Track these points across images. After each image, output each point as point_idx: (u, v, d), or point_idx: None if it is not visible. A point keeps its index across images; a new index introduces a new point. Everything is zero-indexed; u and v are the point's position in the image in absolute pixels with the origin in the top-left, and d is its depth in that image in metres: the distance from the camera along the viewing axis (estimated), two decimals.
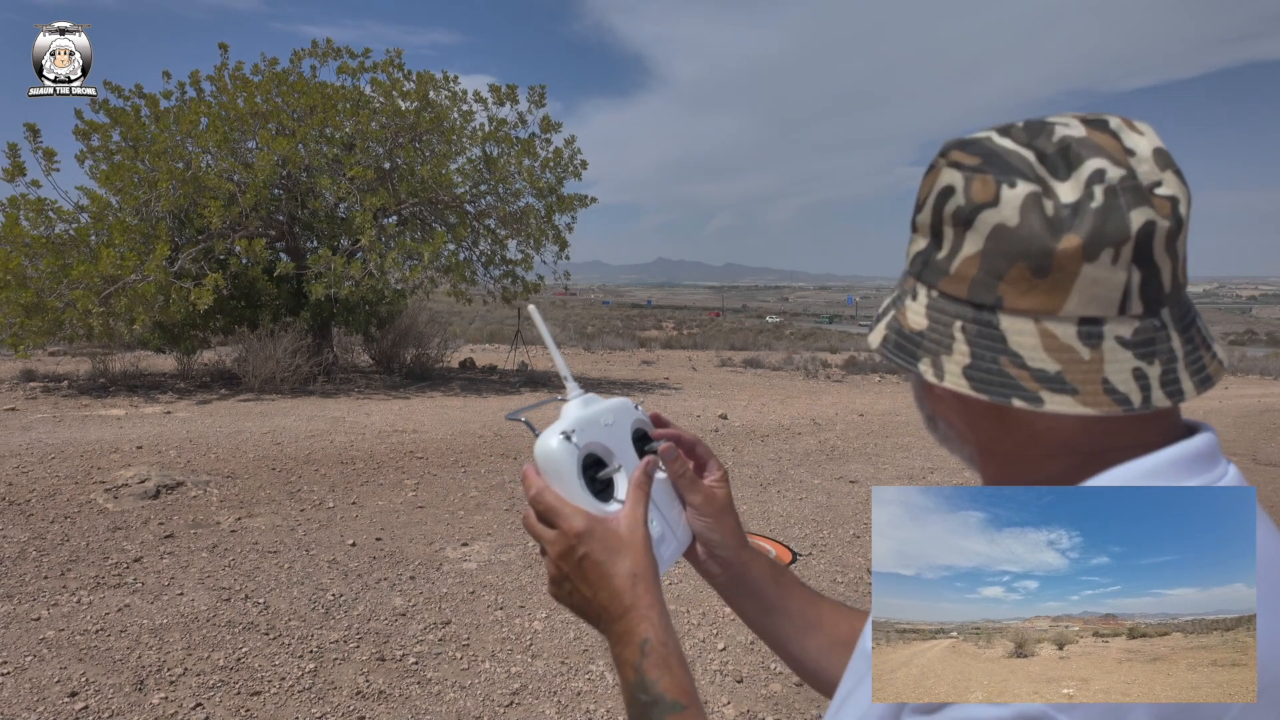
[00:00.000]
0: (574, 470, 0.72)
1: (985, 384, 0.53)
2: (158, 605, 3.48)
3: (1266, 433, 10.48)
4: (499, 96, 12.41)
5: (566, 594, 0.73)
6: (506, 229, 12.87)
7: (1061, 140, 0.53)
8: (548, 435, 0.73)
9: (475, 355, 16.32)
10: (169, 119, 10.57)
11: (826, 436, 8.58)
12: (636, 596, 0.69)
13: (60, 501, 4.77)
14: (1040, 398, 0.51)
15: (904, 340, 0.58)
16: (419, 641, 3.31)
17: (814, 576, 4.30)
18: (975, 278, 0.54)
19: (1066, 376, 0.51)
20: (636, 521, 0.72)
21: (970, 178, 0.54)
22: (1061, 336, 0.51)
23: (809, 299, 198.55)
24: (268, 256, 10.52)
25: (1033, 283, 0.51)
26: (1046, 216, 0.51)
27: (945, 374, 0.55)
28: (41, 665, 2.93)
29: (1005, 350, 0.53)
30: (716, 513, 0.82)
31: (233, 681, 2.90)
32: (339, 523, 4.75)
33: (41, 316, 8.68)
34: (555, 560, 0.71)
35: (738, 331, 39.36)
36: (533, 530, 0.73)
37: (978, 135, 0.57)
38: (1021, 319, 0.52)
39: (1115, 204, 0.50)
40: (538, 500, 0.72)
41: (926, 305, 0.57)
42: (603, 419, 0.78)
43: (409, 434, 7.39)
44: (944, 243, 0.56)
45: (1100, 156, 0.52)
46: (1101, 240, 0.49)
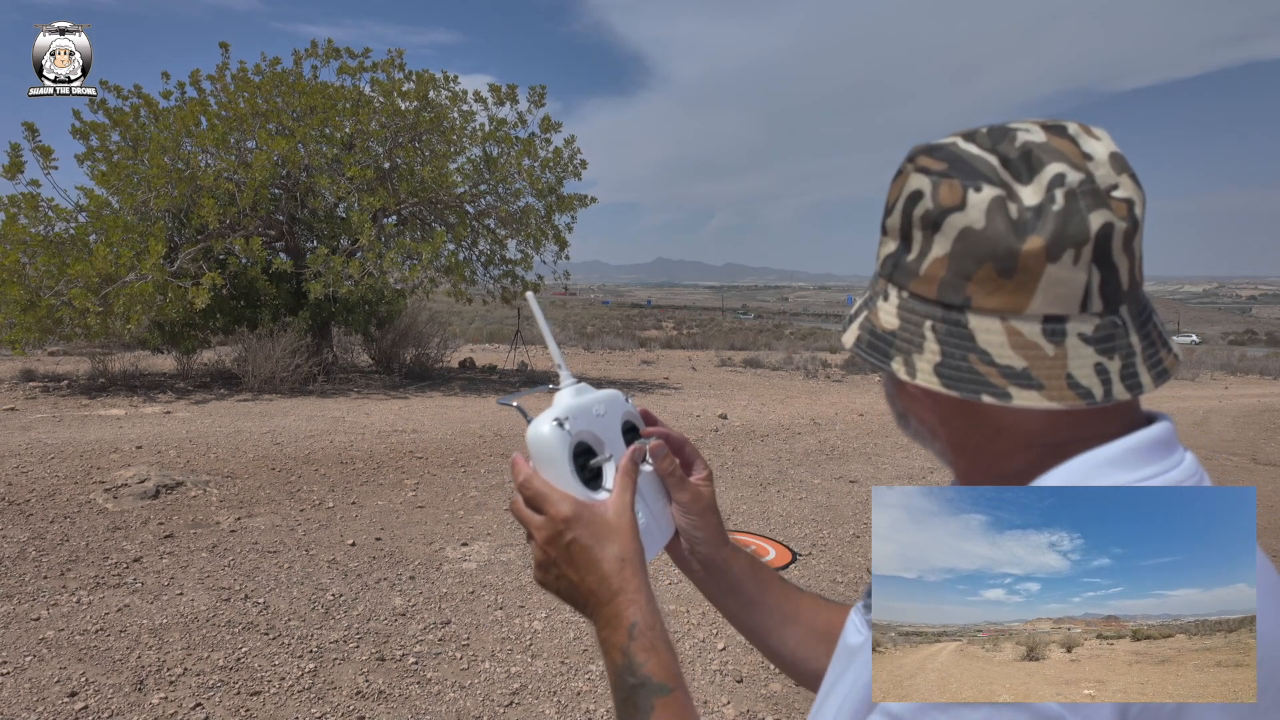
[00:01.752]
0: (565, 457, 0.72)
1: (955, 381, 0.55)
2: (157, 605, 3.48)
3: (1266, 432, 10.48)
4: (499, 96, 12.41)
5: (553, 579, 0.72)
6: (506, 229, 12.87)
7: (1023, 145, 0.55)
8: (540, 421, 0.73)
9: (475, 355, 16.32)
10: (168, 119, 10.57)
11: (826, 436, 8.58)
12: (624, 580, 0.69)
13: (60, 501, 4.76)
14: (1008, 393, 0.53)
15: (877, 340, 0.59)
16: (419, 641, 3.31)
17: (814, 576, 4.30)
18: (944, 279, 0.55)
19: (1032, 372, 0.53)
20: (624, 507, 0.72)
21: (937, 182, 0.56)
22: (1027, 334, 0.53)
23: (809, 299, 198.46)
24: (266, 256, 10.52)
25: (999, 283, 0.53)
26: (1011, 219, 0.53)
27: (917, 372, 0.56)
28: (41, 665, 2.93)
29: (974, 348, 0.54)
30: (702, 510, 0.84)
31: (232, 681, 2.90)
32: (339, 523, 4.75)
33: (36, 314, 8.68)
34: (542, 545, 0.71)
35: (738, 331, 39.42)
36: (520, 515, 0.73)
37: (944, 141, 0.59)
38: (989, 318, 0.54)
39: (1075, 207, 0.52)
40: (526, 486, 0.72)
41: (898, 306, 0.59)
42: (594, 408, 0.77)
43: (409, 434, 7.39)
44: (913, 245, 0.58)
45: (1060, 161, 0.53)
46: (1063, 241, 0.51)
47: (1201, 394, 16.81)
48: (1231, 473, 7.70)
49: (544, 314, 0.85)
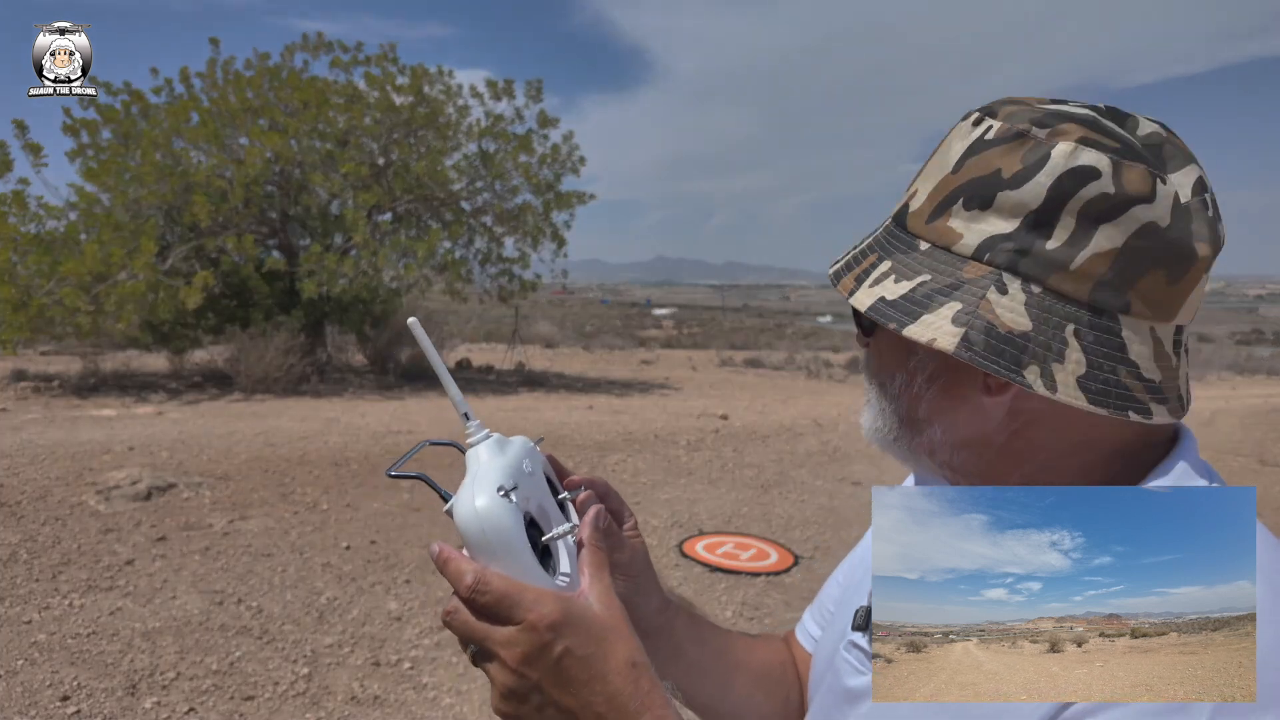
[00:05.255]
0: (523, 540, 0.55)
1: (1103, 395, 0.49)
2: (150, 608, 3.43)
3: (1274, 433, 10.45)
4: (495, 91, 12.33)
5: (533, 710, 0.53)
6: (503, 226, 12.80)
7: (1151, 137, 0.50)
8: (474, 496, 0.57)
9: (471, 354, 16.25)
10: (159, 115, 10.49)
11: (829, 437, 8.55)
12: (642, 692, 0.52)
13: (51, 503, 4.70)
14: (1151, 410, 0.49)
15: (1001, 343, 0.50)
16: (414, 646, 3.27)
17: (817, 580, 4.28)
18: (1103, 277, 0.48)
19: (1163, 386, 0.50)
20: (606, 594, 0.55)
21: (1119, 164, 0.48)
22: (1167, 345, 0.50)
23: (811, 297, 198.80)
24: (259, 254, 10.44)
25: (1166, 289, 0.49)
26: (1190, 221, 0.49)
27: (1059, 385, 0.49)
28: (33, 669, 2.88)
29: (1124, 360, 0.49)
30: (640, 570, 0.70)
31: (226, 686, 2.86)
32: (333, 525, 4.70)
33: (28, 313, 8.60)
34: (517, 668, 0.52)
35: (738, 331, 39.42)
36: (469, 632, 0.54)
37: (1078, 111, 0.51)
38: (1142, 327, 0.49)
39: (1219, 215, 0.49)
40: (481, 589, 0.53)
41: (1026, 303, 0.50)
42: (524, 466, 0.62)
43: (404, 435, 7.33)
44: (1056, 231, 0.49)
45: (1192, 162, 0.50)
46: (1217, 251, 0.49)
47: (1208, 394, 16.80)
48: (1238, 474, 7.67)
49: (433, 344, 0.66)
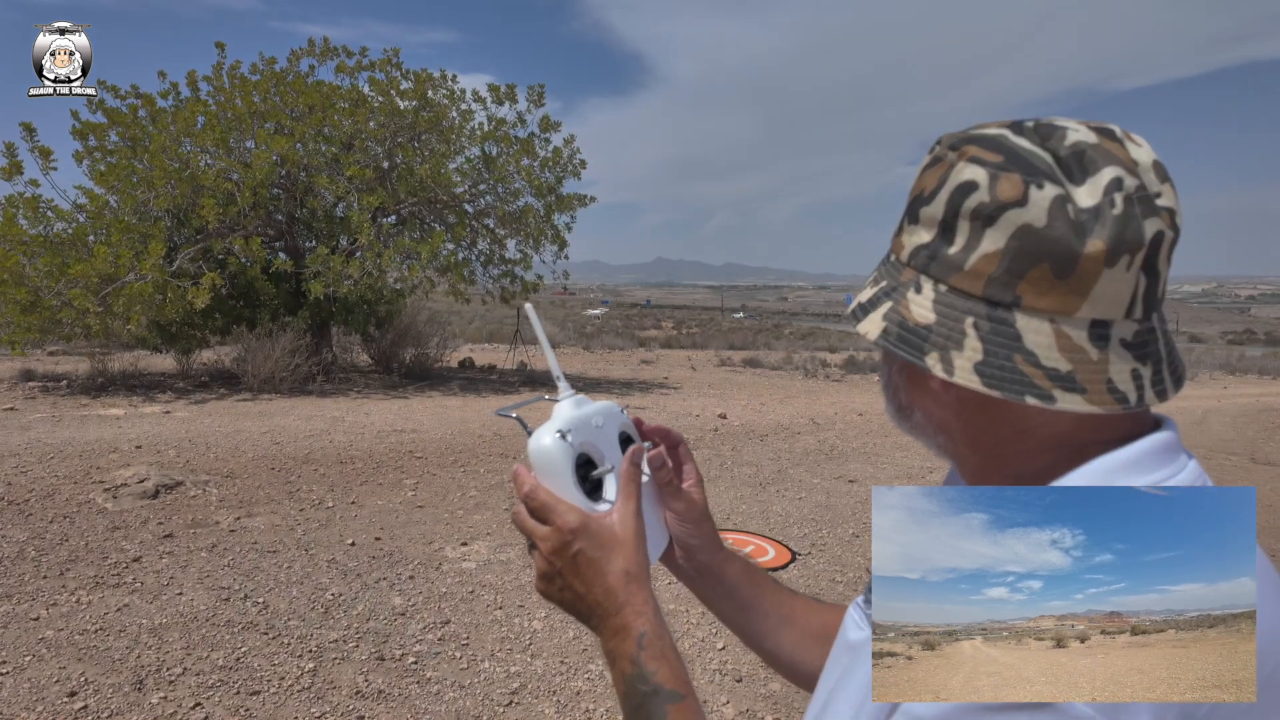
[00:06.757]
0: (569, 468, 0.72)
1: (998, 380, 0.54)
2: (157, 605, 3.48)
3: (1265, 432, 10.49)
4: (498, 96, 12.39)
5: (557, 590, 0.72)
6: (505, 228, 12.85)
7: (1075, 145, 0.54)
8: (542, 433, 0.73)
9: (474, 355, 16.30)
10: (166, 119, 10.56)
11: (826, 436, 8.58)
12: (630, 593, 0.69)
13: (59, 501, 4.76)
14: (1053, 396, 0.53)
15: (908, 333, 0.58)
16: (418, 641, 3.31)
17: (813, 576, 4.30)
18: (993, 275, 0.54)
19: (1077, 376, 0.53)
20: (628, 518, 0.72)
21: (996, 175, 0.54)
22: (1075, 338, 0.53)
23: (808, 298, 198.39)
24: (266, 256, 10.50)
25: (1053, 284, 0.53)
26: (1071, 220, 0.52)
27: (955, 369, 0.55)
28: (41, 665, 2.93)
29: (1020, 348, 0.54)
30: (697, 519, 0.84)
31: (232, 681, 2.90)
32: (338, 522, 4.74)
33: (38, 315, 8.67)
34: (547, 556, 0.71)
35: (737, 331, 39.54)
36: (524, 526, 0.73)
37: (990, 132, 0.58)
38: (1038, 319, 0.53)
39: (1133, 212, 0.52)
40: (531, 497, 0.72)
41: (934, 300, 0.57)
42: (594, 420, 0.78)
43: (408, 433, 7.38)
44: (956, 238, 0.56)
45: (1114, 165, 0.53)
46: (1121, 247, 0.51)
47: (1200, 394, 16.81)
48: (1230, 472, 7.70)
49: (542, 326, 0.85)
